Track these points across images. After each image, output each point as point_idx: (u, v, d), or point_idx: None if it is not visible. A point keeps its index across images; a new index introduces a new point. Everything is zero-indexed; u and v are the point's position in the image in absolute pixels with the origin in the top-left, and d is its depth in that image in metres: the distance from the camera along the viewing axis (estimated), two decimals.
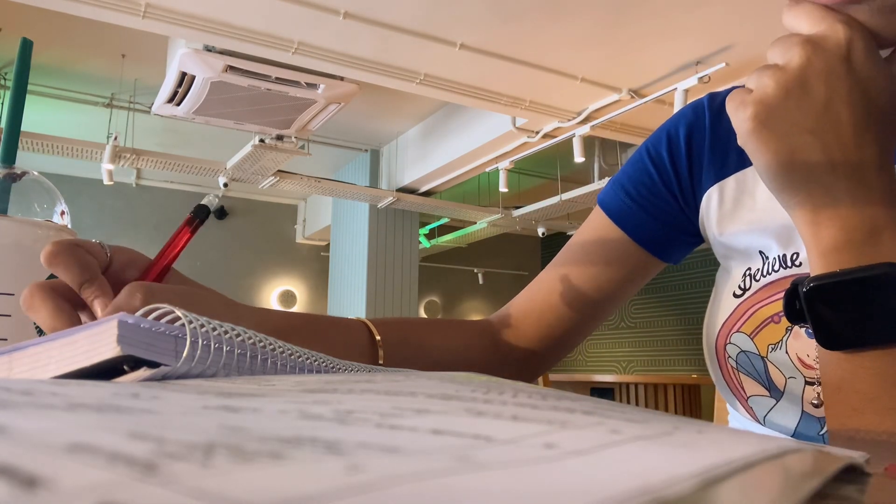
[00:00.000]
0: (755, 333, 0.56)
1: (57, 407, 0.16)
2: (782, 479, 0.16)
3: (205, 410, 0.18)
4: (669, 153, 0.64)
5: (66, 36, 3.84)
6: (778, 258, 0.56)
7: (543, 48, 3.37)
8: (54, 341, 0.30)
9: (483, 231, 6.20)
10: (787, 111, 0.40)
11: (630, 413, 0.23)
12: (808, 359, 0.53)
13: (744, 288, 0.58)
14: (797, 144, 0.40)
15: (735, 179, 0.60)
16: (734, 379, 0.58)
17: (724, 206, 0.61)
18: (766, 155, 0.41)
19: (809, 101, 0.40)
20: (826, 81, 0.40)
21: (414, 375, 0.34)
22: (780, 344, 0.54)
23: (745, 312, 0.57)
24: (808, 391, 0.53)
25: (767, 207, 0.57)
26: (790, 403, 0.54)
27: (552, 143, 4.29)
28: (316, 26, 3.12)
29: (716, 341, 0.59)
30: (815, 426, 0.52)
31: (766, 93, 0.41)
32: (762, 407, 0.56)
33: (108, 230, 6.31)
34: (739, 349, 0.57)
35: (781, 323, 0.54)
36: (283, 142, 4.17)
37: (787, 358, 0.54)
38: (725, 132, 0.62)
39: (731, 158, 0.61)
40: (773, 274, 0.56)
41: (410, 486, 0.11)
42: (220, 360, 0.31)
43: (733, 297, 0.58)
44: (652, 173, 0.65)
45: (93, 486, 0.09)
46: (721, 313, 0.59)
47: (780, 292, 0.55)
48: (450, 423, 0.18)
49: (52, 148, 4.17)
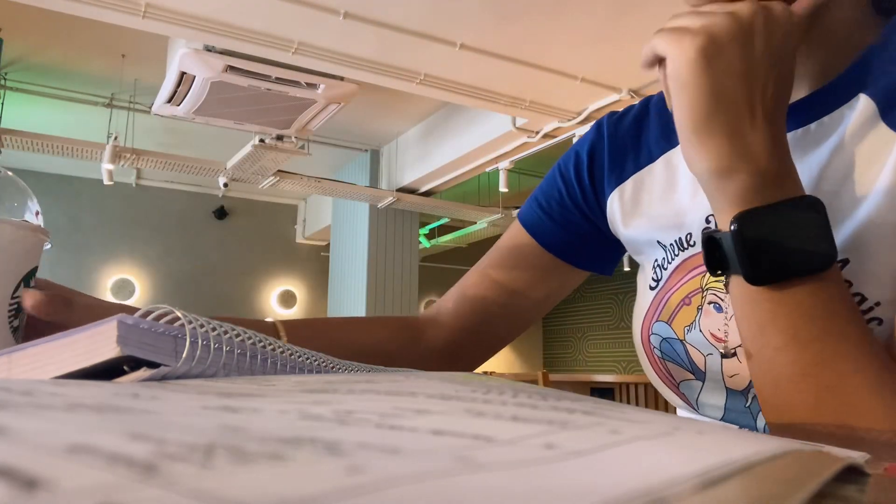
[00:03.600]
0: (671, 319, 0.59)
1: (57, 407, 0.16)
2: (782, 480, 0.16)
3: (205, 411, 0.18)
4: (576, 169, 0.71)
5: (66, 36, 3.84)
6: (675, 243, 0.60)
7: (543, 48, 3.37)
8: (54, 342, 0.30)
9: (483, 231, 6.19)
10: (731, 54, 0.43)
11: (630, 413, 0.23)
12: (719, 332, 0.55)
13: (656, 279, 0.62)
14: (727, 86, 0.43)
15: (633, 181, 0.66)
16: (662, 368, 0.61)
17: (624, 206, 0.66)
18: (696, 90, 0.43)
19: (750, 48, 0.43)
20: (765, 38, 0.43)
21: (414, 376, 0.34)
22: (694, 324, 0.57)
23: (661, 301, 0.61)
24: (726, 365, 0.55)
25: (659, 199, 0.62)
26: (713, 382, 0.57)
27: (552, 143, 4.29)
28: (316, 26, 3.12)
29: (640, 334, 0.62)
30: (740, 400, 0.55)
31: (719, 31, 0.43)
32: (692, 390, 0.59)
33: (108, 230, 6.31)
34: (661, 337, 0.60)
35: (692, 304, 0.58)
36: (283, 142, 4.17)
37: (701, 336, 0.56)
38: (622, 142, 0.68)
39: (629, 164, 0.67)
40: (675, 260, 0.60)
41: (411, 486, 0.11)
42: (220, 360, 0.31)
43: (649, 290, 0.62)
44: (560, 188, 0.72)
45: (93, 488, 0.09)
46: (641, 307, 0.63)
47: (685, 275, 0.59)
48: (450, 423, 0.18)
49: (52, 148, 4.17)
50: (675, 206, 0.61)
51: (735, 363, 0.54)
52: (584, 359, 7.72)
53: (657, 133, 0.65)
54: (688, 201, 0.60)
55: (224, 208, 6.77)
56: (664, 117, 0.65)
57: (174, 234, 6.58)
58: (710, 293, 0.56)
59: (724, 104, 0.43)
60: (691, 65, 0.43)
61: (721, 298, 0.56)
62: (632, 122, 0.68)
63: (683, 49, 0.44)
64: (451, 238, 6.60)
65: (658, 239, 0.62)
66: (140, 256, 6.43)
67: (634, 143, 0.67)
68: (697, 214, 0.58)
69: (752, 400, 0.54)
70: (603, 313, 7.53)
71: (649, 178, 0.65)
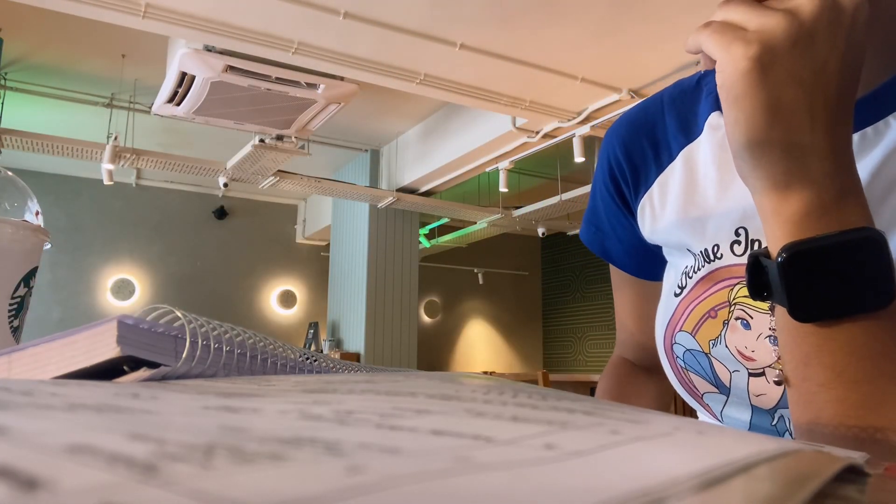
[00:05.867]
0: (696, 330, 0.56)
1: (57, 407, 0.16)
2: (782, 480, 0.16)
3: (205, 411, 0.18)
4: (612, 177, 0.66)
5: (66, 36, 3.84)
6: (701, 253, 0.56)
7: (543, 48, 3.37)
8: (54, 342, 0.30)
9: (483, 231, 6.20)
10: (790, 60, 0.38)
11: (630, 413, 0.23)
12: (747, 350, 0.52)
13: (682, 286, 0.58)
14: (787, 97, 0.38)
15: (658, 185, 0.62)
16: (685, 378, 0.58)
17: (654, 211, 0.62)
18: (753, 102, 0.39)
19: (811, 55, 0.38)
20: (830, 39, 0.38)
21: (414, 376, 0.34)
22: (720, 339, 0.54)
23: (685, 310, 0.57)
24: (752, 383, 0.52)
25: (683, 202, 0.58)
26: (738, 398, 0.54)
27: (552, 143, 4.29)
28: (316, 26, 3.12)
29: (663, 342, 0.59)
30: (766, 419, 0.52)
31: (775, 35, 0.38)
32: (716, 403, 0.57)
33: (108, 230, 6.31)
34: (685, 348, 0.57)
35: (718, 317, 0.54)
36: (283, 142, 4.17)
37: (727, 352, 0.53)
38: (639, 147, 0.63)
39: (651, 168, 0.62)
40: (701, 270, 0.56)
41: (410, 486, 0.11)
42: (220, 360, 0.31)
43: (674, 297, 0.59)
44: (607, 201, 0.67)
45: (93, 488, 0.09)
46: (665, 313, 0.60)
47: (713, 286, 0.55)
48: (450, 423, 0.18)
49: (52, 148, 4.17)
50: (699, 209, 0.57)
51: (762, 383, 0.52)
52: (584, 359, 7.71)
53: (675, 127, 0.61)
54: (712, 204, 0.56)
55: (224, 208, 6.77)
56: (682, 109, 0.61)
57: (174, 234, 6.58)
58: (738, 308, 0.53)
59: (782, 118, 0.38)
60: (744, 76, 0.38)
61: (749, 315, 0.52)
62: (643, 122, 0.64)
63: (734, 58, 0.39)
64: (451, 238, 6.60)
65: (688, 246, 0.59)
66: (140, 256, 6.43)
67: (652, 144, 0.63)
68: (725, 224, 0.55)
69: (778, 420, 0.51)
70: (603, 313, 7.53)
71: (672, 180, 0.60)
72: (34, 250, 0.52)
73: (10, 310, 0.50)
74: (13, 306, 0.50)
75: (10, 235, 0.50)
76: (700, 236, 0.56)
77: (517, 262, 8.14)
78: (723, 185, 0.55)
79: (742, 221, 0.53)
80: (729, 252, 0.54)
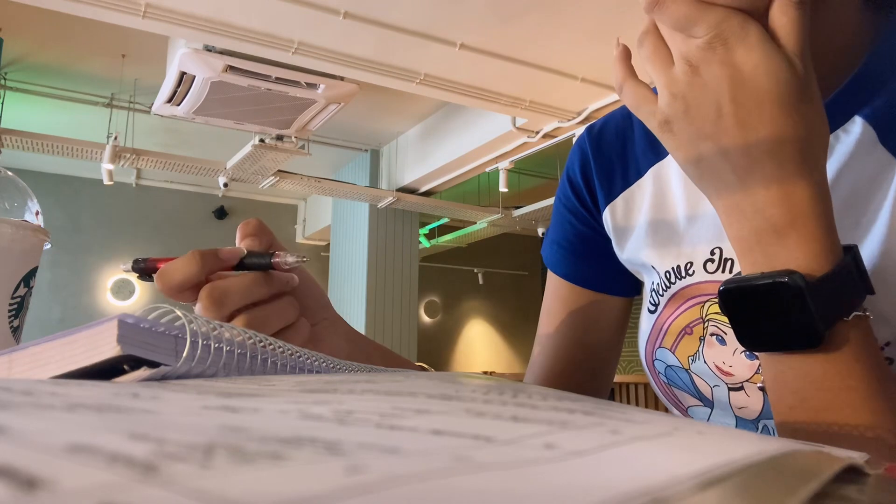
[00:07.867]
0: (675, 347, 0.56)
1: (57, 407, 0.16)
2: (782, 480, 0.16)
3: (205, 411, 0.18)
4: (575, 193, 0.66)
5: (66, 36, 3.84)
6: (672, 270, 0.56)
7: (543, 48, 3.37)
8: (54, 341, 0.30)
9: (483, 231, 6.20)
10: (688, 121, 0.40)
11: (630, 413, 0.23)
12: (724, 365, 0.53)
13: (654, 303, 0.59)
14: (701, 151, 0.40)
15: (623, 199, 0.62)
16: (669, 393, 0.59)
17: (617, 225, 0.62)
18: (678, 156, 0.42)
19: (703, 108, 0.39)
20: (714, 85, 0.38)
21: (414, 376, 0.34)
22: (698, 354, 0.55)
23: (662, 327, 0.57)
24: (733, 397, 0.53)
25: (651, 219, 0.59)
26: (722, 411, 0.55)
27: (552, 143, 4.29)
28: (316, 26, 3.12)
29: (644, 358, 0.60)
30: (751, 429, 0.52)
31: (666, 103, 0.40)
32: (702, 416, 0.57)
33: (108, 230, 6.30)
34: (666, 364, 0.58)
35: (694, 334, 0.55)
36: (283, 142, 4.17)
37: (706, 367, 0.54)
38: (607, 158, 0.64)
39: (617, 181, 0.63)
40: (672, 287, 0.56)
41: (410, 486, 0.11)
42: (220, 360, 0.31)
43: (649, 313, 0.59)
44: (570, 220, 0.67)
45: (93, 488, 0.09)
46: (644, 329, 0.60)
47: (684, 303, 0.56)
48: (450, 423, 0.18)
49: (52, 148, 4.17)
50: (670, 228, 0.57)
51: (743, 396, 0.52)
52: None
53: (644, 144, 0.62)
54: (684, 223, 0.56)
55: (224, 208, 6.76)
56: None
57: (174, 234, 6.57)
58: (712, 324, 0.54)
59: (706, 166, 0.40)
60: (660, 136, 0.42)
61: (724, 331, 0.53)
62: (614, 134, 0.65)
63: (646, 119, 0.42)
64: (451, 238, 6.60)
65: (652, 264, 0.58)
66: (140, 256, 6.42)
67: (620, 157, 0.63)
68: (701, 242, 0.55)
69: (762, 429, 0.52)
70: None
71: (640, 195, 0.61)
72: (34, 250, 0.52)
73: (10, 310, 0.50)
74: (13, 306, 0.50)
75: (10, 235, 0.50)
76: (671, 254, 0.57)
77: (517, 262, 8.14)
78: (694, 204, 0.56)
79: (718, 241, 0.54)
80: (702, 269, 0.55)
